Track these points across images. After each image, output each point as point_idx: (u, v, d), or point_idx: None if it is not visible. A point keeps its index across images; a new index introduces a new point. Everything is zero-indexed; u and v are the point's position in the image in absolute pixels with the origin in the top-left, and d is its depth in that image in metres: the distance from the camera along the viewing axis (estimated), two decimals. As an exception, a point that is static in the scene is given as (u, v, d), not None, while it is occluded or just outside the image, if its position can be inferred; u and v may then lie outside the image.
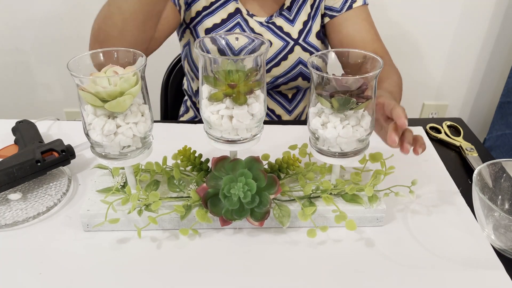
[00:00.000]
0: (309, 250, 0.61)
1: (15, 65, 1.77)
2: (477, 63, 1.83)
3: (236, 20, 0.96)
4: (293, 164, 0.67)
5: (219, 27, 0.96)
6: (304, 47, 0.99)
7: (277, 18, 0.98)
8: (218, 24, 0.96)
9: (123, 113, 0.57)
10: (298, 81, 1.02)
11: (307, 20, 0.99)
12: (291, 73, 1.00)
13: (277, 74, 0.99)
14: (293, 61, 0.99)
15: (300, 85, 1.04)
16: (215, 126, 0.58)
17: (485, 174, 0.66)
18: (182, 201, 0.64)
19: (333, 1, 0.98)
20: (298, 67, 0.99)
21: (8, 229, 0.64)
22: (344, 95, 0.55)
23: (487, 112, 1.95)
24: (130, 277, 0.57)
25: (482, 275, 0.58)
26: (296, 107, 1.09)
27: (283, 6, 0.98)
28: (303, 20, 0.99)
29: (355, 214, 0.64)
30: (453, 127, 0.92)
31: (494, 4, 1.68)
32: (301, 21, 0.99)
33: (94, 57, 0.58)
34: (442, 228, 0.65)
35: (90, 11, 1.64)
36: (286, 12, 0.98)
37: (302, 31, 0.99)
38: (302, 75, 1.01)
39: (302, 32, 0.99)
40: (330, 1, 0.99)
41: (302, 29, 0.99)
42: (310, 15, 0.99)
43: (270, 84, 1.01)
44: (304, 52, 0.99)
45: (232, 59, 0.55)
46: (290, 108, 1.08)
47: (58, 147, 0.73)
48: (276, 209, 0.63)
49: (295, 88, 1.05)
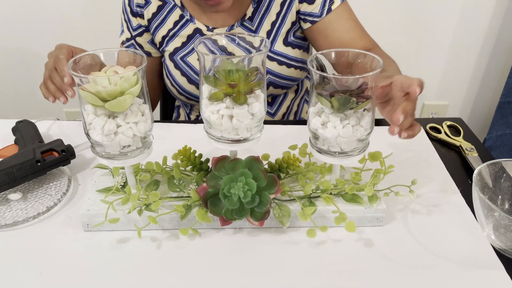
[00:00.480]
0: (309, 250, 0.61)
1: (15, 65, 1.77)
2: (477, 63, 1.83)
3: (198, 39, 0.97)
4: (293, 164, 0.67)
5: (180, 49, 0.98)
6: (270, 56, 0.97)
7: (238, 29, 0.97)
8: (179, 47, 0.99)
9: (123, 113, 0.57)
10: (270, 90, 1.02)
11: (270, 29, 0.97)
12: None
13: None
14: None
15: (273, 92, 1.03)
16: (215, 126, 0.58)
17: (485, 174, 0.66)
18: (182, 201, 0.64)
19: (310, 7, 0.96)
20: (267, 77, 0.98)
21: (8, 229, 0.64)
22: (344, 95, 0.55)
23: (487, 112, 1.95)
24: (130, 277, 0.57)
25: (482, 275, 0.58)
26: (279, 109, 1.09)
27: (244, 16, 0.97)
28: (266, 30, 0.97)
29: (355, 214, 0.64)
30: (453, 127, 0.92)
31: (494, 4, 1.68)
32: (264, 31, 0.97)
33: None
34: (442, 228, 0.65)
35: (90, 11, 1.64)
36: (247, 22, 0.97)
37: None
38: (272, 84, 1.00)
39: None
40: (307, 8, 0.96)
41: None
42: (275, 24, 0.97)
43: None
44: (271, 61, 0.97)
45: (232, 59, 0.55)
46: (272, 111, 1.08)
47: (58, 147, 0.73)
48: (276, 209, 0.63)
49: (270, 95, 1.05)
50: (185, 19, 0.97)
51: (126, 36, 1.02)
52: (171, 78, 1.01)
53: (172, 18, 0.97)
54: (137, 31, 1.00)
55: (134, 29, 1.00)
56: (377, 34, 1.05)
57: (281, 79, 1.00)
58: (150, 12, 0.97)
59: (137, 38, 1.01)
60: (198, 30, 0.97)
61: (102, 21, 1.65)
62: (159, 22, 0.98)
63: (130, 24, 1.00)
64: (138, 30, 1.00)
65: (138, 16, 0.99)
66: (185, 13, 0.97)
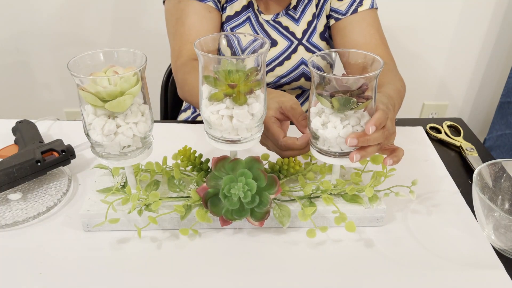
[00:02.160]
0: (309, 250, 0.61)
1: (15, 65, 1.76)
2: (477, 63, 1.83)
3: (247, 14, 0.96)
4: (294, 167, 0.67)
5: (232, 19, 0.96)
6: (308, 48, 0.99)
7: (283, 17, 0.98)
8: (231, 16, 0.96)
9: (123, 113, 0.57)
10: (301, 81, 1.02)
11: (311, 20, 0.99)
12: (294, 73, 1.00)
13: (280, 73, 0.99)
14: (296, 61, 0.98)
15: (302, 85, 1.03)
16: (215, 126, 0.58)
17: (485, 174, 0.66)
18: (182, 201, 0.64)
19: (339, 3, 0.97)
20: (301, 67, 0.99)
21: (8, 229, 0.64)
22: (345, 95, 0.55)
23: (487, 112, 1.95)
24: (130, 277, 0.57)
25: (482, 275, 0.58)
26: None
27: (289, 5, 0.98)
28: (307, 20, 0.98)
29: (355, 214, 0.64)
30: (453, 127, 0.92)
31: (494, 4, 1.68)
32: (305, 21, 0.98)
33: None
34: (442, 228, 0.65)
35: (90, 11, 1.64)
36: (292, 11, 0.98)
37: (306, 31, 0.99)
38: (304, 75, 1.01)
39: (306, 32, 0.99)
40: (336, 3, 0.98)
41: (306, 29, 0.99)
42: (315, 15, 0.99)
43: (273, 84, 1.01)
44: (307, 52, 0.99)
45: (232, 59, 0.55)
46: None
47: (58, 147, 0.73)
48: (276, 209, 0.63)
49: (298, 88, 1.05)
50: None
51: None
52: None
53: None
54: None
55: None
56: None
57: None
58: None
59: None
60: (251, 4, 0.96)
61: (102, 21, 1.65)
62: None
63: None
64: None
65: None
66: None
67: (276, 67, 0.98)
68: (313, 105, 0.60)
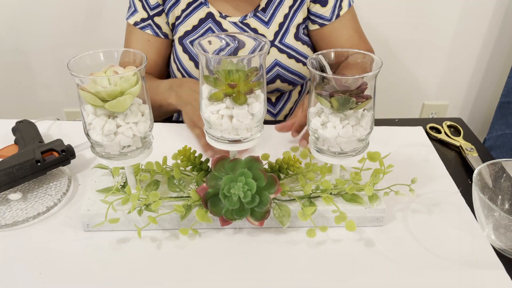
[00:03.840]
0: (309, 250, 0.61)
1: (15, 65, 1.76)
2: (477, 63, 1.83)
3: (208, 25, 0.96)
4: (293, 165, 0.67)
5: (190, 33, 0.97)
6: (281, 49, 0.97)
7: (251, 19, 0.97)
8: (189, 31, 0.97)
9: (123, 113, 0.57)
10: (277, 84, 1.01)
11: (283, 21, 0.98)
12: (267, 75, 0.98)
13: None
14: (268, 63, 0.97)
15: (280, 87, 1.02)
16: (215, 126, 0.58)
17: (485, 174, 0.66)
18: (182, 201, 0.64)
19: (322, 9, 0.98)
20: (275, 69, 0.98)
21: (8, 229, 0.64)
22: (344, 95, 0.55)
23: (487, 112, 1.95)
24: (130, 277, 0.57)
25: (482, 275, 0.58)
26: (282, 110, 1.08)
27: (258, 7, 0.97)
28: (279, 22, 0.98)
29: (355, 214, 0.64)
30: (453, 127, 0.92)
31: (494, 4, 1.68)
32: (277, 23, 0.97)
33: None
34: (442, 228, 0.65)
35: (90, 11, 1.64)
36: (260, 13, 0.97)
37: (278, 33, 0.98)
38: (280, 77, 0.99)
39: (278, 34, 0.98)
40: (319, 9, 0.98)
41: (278, 31, 0.98)
42: (288, 16, 0.98)
43: None
44: (281, 53, 0.97)
45: (232, 59, 0.55)
46: (275, 111, 1.08)
47: (58, 147, 0.73)
48: (276, 208, 0.63)
49: (276, 91, 1.04)
50: (199, 1, 0.96)
51: (142, 16, 0.97)
52: (179, 62, 0.99)
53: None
54: (155, 10, 0.97)
55: (152, 8, 0.96)
56: (378, 34, 1.05)
57: (289, 73, 1.00)
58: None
59: (155, 18, 0.98)
60: (210, 15, 0.96)
61: (102, 21, 1.65)
62: (174, 2, 0.96)
63: (147, 2, 0.96)
64: (156, 9, 0.96)
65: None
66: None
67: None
68: (313, 105, 0.60)
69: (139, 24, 0.98)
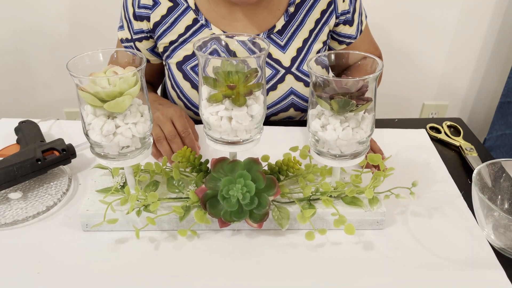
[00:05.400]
0: (307, 253, 0.61)
1: (15, 65, 1.76)
2: (477, 63, 1.83)
3: (212, 47, 0.83)
4: (293, 167, 0.66)
5: (192, 58, 0.89)
6: (298, 76, 0.90)
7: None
8: (189, 55, 0.89)
9: (123, 114, 0.57)
10: (290, 112, 0.94)
11: (301, 46, 0.90)
12: (281, 104, 0.92)
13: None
14: (283, 91, 0.90)
15: (292, 115, 0.96)
16: (214, 127, 0.58)
17: (485, 174, 0.66)
18: (181, 202, 0.64)
19: (350, 29, 0.94)
20: (290, 97, 0.91)
21: (7, 228, 0.64)
22: (344, 97, 0.55)
23: (487, 112, 1.95)
24: (128, 277, 0.57)
25: (482, 275, 0.58)
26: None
27: (273, 28, 0.88)
28: (297, 47, 0.89)
29: (355, 217, 0.64)
30: (453, 127, 0.92)
31: (494, 4, 1.68)
32: (294, 48, 0.89)
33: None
34: (442, 228, 0.65)
35: (90, 11, 1.64)
36: (276, 36, 0.88)
37: (295, 59, 0.90)
38: (294, 105, 0.93)
39: (295, 60, 0.90)
40: (347, 30, 0.94)
41: (296, 56, 0.89)
42: (307, 41, 0.90)
43: None
44: (298, 81, 0.90)
45: (232, 60, 0.55)
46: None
47: (59, 146, 0.73)
48: (275, 211, 0.63)
49: (286, 119, 0.97)
50: (199, 23, 0.87)
51: (126, 35, 0.92)
52: (179, 90, 0.92)
53: (183, 22, 0.87)
54: (137, 35, 0.91)
55: (134, 32, 0.91)
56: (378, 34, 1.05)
57: (305, 102, 0.93)
58: (158, 14, 0.87)
59: (136, 43, 0.92)
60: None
61: (102, 22, 1.65)
62: (168, 26, 0.88)
63: (131, 25, 0.90)
64: (138, 35, 0.91)
65: (141, 20, 0.89)
66: (199, 17, 0.87)
67: None
68: (313, 107, 0.60)
69: (124, 42, 0.94)
